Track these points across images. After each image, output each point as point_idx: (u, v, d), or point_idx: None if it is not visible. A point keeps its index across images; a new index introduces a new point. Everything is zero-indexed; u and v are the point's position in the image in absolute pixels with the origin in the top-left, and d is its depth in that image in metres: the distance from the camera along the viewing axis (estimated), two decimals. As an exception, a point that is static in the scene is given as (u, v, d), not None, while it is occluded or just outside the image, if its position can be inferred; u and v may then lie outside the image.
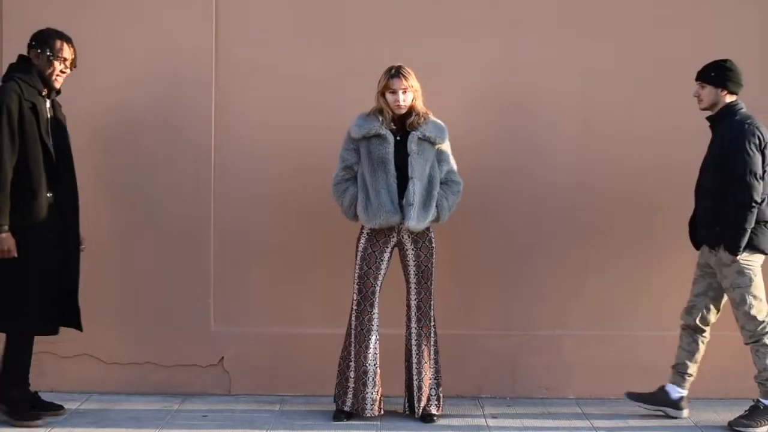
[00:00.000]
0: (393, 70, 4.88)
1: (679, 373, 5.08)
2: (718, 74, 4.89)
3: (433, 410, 4.97)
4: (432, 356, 4.99)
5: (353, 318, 4.97)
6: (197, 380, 5.37)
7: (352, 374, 4.97)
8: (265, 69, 5.41)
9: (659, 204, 5.44)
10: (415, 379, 4.96)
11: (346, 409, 4.97)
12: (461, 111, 5.40)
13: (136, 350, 5.37)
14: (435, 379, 5.00)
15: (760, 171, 4.76)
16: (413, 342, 4.98)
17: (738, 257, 4.78)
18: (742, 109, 4.90)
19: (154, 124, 5.41)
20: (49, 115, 4.84)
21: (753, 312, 4.86)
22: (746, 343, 4.93)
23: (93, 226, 5.39)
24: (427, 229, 4.97)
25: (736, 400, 5.32)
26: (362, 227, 4.96)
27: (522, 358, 5.41)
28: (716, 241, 4.84)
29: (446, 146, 4.99)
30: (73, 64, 4.86)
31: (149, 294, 5.32)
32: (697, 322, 5.04)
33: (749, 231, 4.75)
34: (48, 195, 4.78)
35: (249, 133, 5.45)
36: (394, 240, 4.96)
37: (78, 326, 4.98)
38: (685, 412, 5.07)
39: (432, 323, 5.00)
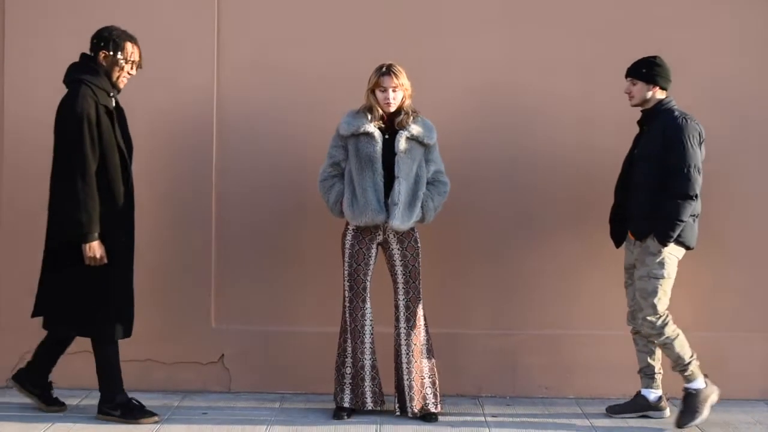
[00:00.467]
0: (384, 68, 4.88)
1: (648, 375, 5.10)
2: (649, 71, 4.92)
3: (432, 408, 4.96)
4: (425, 355, 4.98)
5: (347, 315, 4.98)
6: (197, 377, 5.37)
7: (349, 370, 4.97)
8: (267, 68, 5.42)
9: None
10: (405, 378, 4.95)
11: (346, 405, 4.98)
12: (459, 110, 5.42)
13: (136, 347, 5.36)
14: (430, 377, 4.99)
15: (701, 165, 4.84)
16: (403, 341, 4.97)
17: (666, 248, 4.81)
18: (675, 104, 4.95)
19: (155, 124, 5.42)
20: (117, 117, 4.80)
21: (659, 306, 4.87)
22: (651, 339, 4.96)
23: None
24: (412, 229, 4.96)
25: (737, 401, 5.33)
26: (347, 224, 4.97)
27: (522, 357, 5.41)
28: (648, 232, 4.85)
29: (435, 146, 4.99)
30: (140, 65, 4.80)
31: (150, 291, 5.32)
32: (634, 327, 5.07)
33: (684, 223, 4.80)
34: (125, 199, 4.76)
35: (250, 132, 5.47)
36: (379, 238, 4.96)
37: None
38: (667, 412, 5.08)
39: (422, 322, 4.99)
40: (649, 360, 5.08)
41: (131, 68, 4.76)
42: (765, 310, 5.47)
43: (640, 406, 5.08)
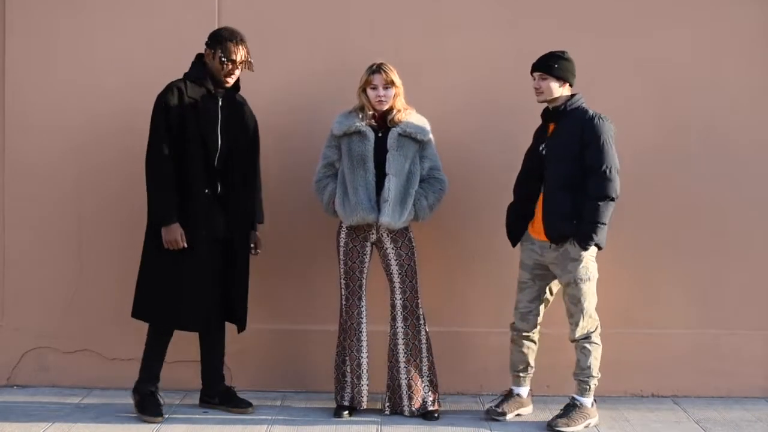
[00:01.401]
0: (374, 66, 4.88)
1: (525, 375, 5.07)
2: (561, 67, 4.81)
3: (431, 407, 4.96)
4: (424, 353, 4.98)
5: (344, 313, 4.98)
6: (198, 376, 5.35)
7: (348, 368, 4.97)
8: (266, 67, 5.40)
9: (659, 201, 5.44)
10: (404, 377, 4.95)
11: (346, 403, 4.98)
12: (459, 108, 5.40)
13: (137, 346, 5.36)
14: (429, 376, 4.99)
15: (619, 166, 4.74)
16: (400, 340, 4.96)
17: (586, 251, 4.74)
18: (584, 102, 4.87)
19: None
20: (221, 114, 4.85)
21: (591, 309, 4.84)
22: (574, 340, 4.89)
23: (93, 225, 5.43)
24: (406, 228, 4.95)
25: (739, 399, 5.34)
26: (341, 223, 4.97)
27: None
28: (567, 235, 4.74)
29: (429, 142, 4.98)
30: (245, 65, 4.86)
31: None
32: (532, 329, 5.01)
33: (605, 225, 4.70)
34: (206, 192, 4.80)
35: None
36: (373, 237, 4.95)
37: (240, 324, 5.01)
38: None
39: (421, 321, 4.98)
40: (528, 361, 5.06)
41: (233, 67, 4.82)
42: (766, 308, 5.46)
43: (518, 403, 5.04)
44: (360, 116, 4.91)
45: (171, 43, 5.38)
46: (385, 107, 4.91)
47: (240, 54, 4.84)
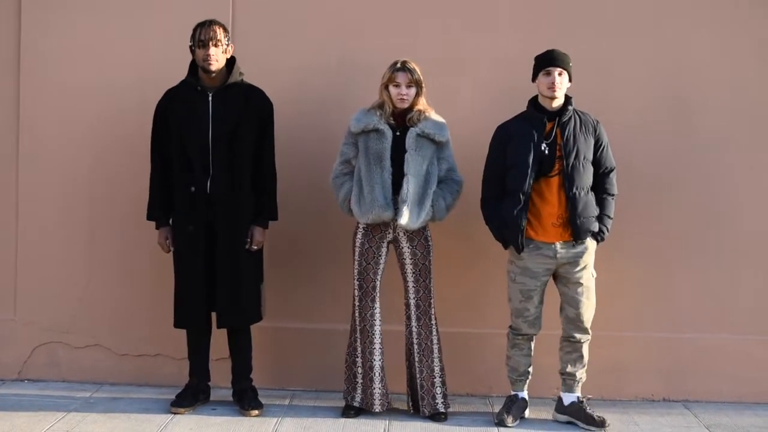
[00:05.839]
0: (398, 64, 4.85)
1: (521, 379, 5.03)
2: (570, 65, 4.84)
3: (441, 408, 4.95)
4: (436, 354, 4.97)
5: (356, 314, 4.96)
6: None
7: (359, 370, 4.96)
8: (278, 66, 5.40)
9: (672, 205, 5.40)
10: (418, 377, 4.94)
11: (356, 404, 4.97)
12: (474, 108, 5.39)
13: (147, 342, 5.40)
14: (441, 377, 4.98)
15: None
16: (415, 340, 4.95)
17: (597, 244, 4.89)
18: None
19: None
20: (211, 109, 4.87)
21: (594, 303, 4.90)
22: (580, 341, 4.90)
23: (105, 220, 5.45)
24: (424, 227, 4.93)
25: (750, 404, 5.30)
26: (357, 222, 4.94)
27: (533, 356, 5.36)
28: (591, 232, 4.82)
29: (447, 144, 4.95)
30: (214, 43, 4.81)
31: (161, 287, 5.32)
32: (539, 331, 4.98)
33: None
34: (192, 190, 4.85)
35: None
36: (389, 236, 4.93)
37: (237, 324, 4.99)
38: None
39: (433, 321, 4.97)
40: (529, 365, 5.04)
41: (206, 49, 4.82)
42: (778, 314, 5.42)
43: (523, 406, 5.01)
44: (379, 114, 4.88)
45: (184, 39, 5.37)
46: (406, 105, 4.88)
47: (207, 33, 4.81)
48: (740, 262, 5.41)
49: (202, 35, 4.83)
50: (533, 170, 4.79)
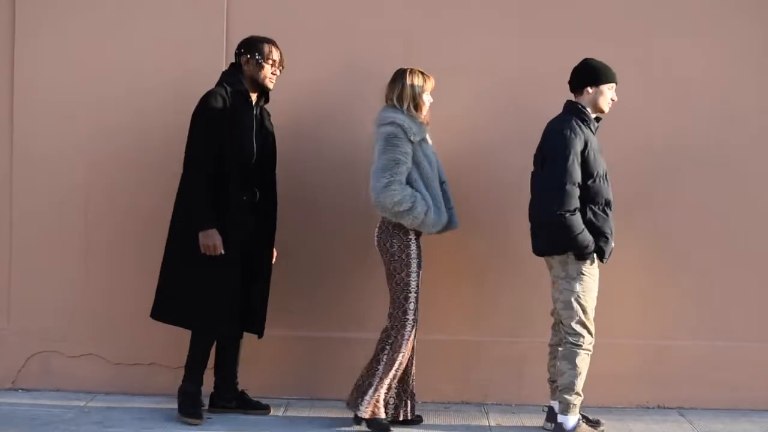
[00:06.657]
0: (429, 76, 4.85)
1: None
2: None
3: (361, 412, 4.80)
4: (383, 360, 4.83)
5: (413, 329, 4.77)
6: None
7: (413, 385, 4.90)
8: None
9: (667, 213, 5.41)
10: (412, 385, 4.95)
11: (401, 419, 4.89)
12: (474, 118, 5.39)
13: (141, 351, 5.38)
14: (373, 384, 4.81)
15: None
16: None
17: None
18: None
19: (165, 124, 5.39)
20: (255, 122, 4.91)
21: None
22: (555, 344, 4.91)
23: (100, 230, 5.43)
24: None
25: (745, 411, 5.30)
26: (407, 232, 4.77)
27: (528, 365, 5.38)
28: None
29: None
30: (281, 65, 4.93)
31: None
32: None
33: None
34: (244, 198, 4.86)
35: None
36: (421, 242, 4.89)
37: (257, 332, 5.04)
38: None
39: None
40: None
41: (273, 68, 4.90)
42: (773, 320, 5.43)
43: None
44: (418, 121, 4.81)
45: (178, 50, 5.38)
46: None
47: (280, 55, 4.92)
48: (734, 270, 5.41)
49: (275, 54, 4.89)
50: (600, 178, 4.75)
